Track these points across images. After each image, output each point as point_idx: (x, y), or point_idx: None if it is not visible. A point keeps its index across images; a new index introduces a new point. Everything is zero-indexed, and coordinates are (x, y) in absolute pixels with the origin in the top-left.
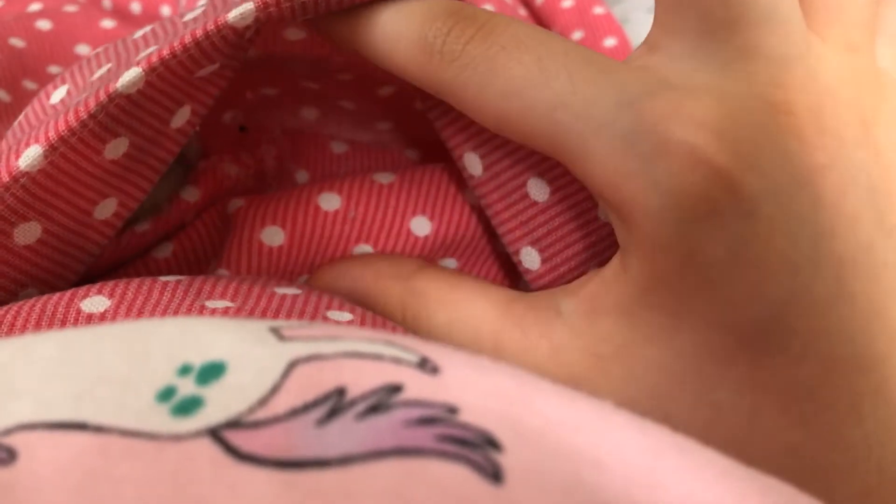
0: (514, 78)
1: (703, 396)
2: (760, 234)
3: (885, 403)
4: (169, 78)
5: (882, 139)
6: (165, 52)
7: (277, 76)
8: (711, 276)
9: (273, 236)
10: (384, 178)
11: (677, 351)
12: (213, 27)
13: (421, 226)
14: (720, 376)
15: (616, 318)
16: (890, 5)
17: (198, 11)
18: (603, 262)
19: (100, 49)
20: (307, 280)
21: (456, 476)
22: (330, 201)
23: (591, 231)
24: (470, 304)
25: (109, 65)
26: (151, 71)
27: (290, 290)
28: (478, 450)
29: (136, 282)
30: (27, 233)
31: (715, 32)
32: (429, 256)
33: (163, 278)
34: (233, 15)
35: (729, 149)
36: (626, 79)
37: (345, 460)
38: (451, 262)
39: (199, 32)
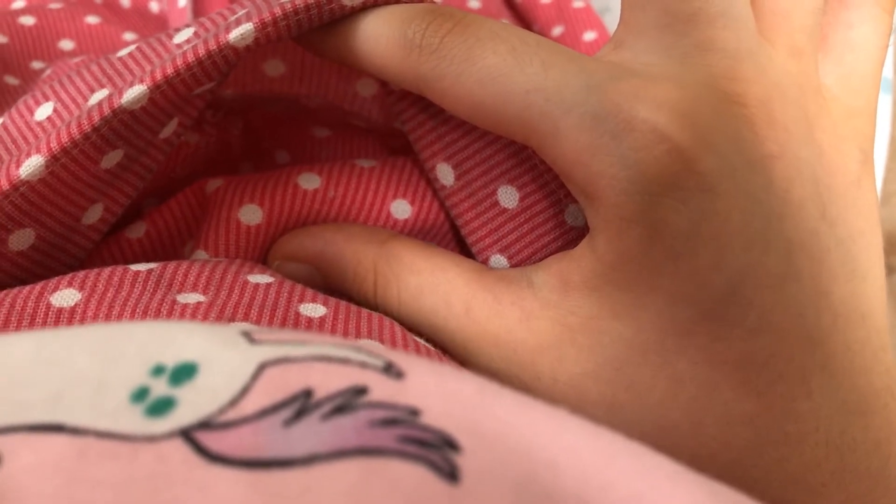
0: (489, 66)
1: (665, 368)
2: (719, 209)
3: (830, 378)
4: (170, 95)
5: (824, 143)
6: (170, 69)
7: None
8: (676, 248)
9: (251, 215)
10: (366, 163)
11: (641, 326)
12: (214, 46)
13: (401, 209)
14: (681, 349)
15: (584, 293)
16: (839, 28)
17: (189, 33)
18: None
19: (83, 67)
20: (275, 244)
21: (414, 475)
22: (310, 181)
23: (558, 236)
24: (442, 271)
25: (107, 90)
26: (156, 88)
27: (264, 279)
28: (437, 450)
29: (106, 273)
30: (21, 239)
31: (674, 27)
32: None
33: (134, 267)
34: (234, 35)
35: (689, 129)
36: (594, 67)
37: (309, 460)
38: None
39: (201, 51)
